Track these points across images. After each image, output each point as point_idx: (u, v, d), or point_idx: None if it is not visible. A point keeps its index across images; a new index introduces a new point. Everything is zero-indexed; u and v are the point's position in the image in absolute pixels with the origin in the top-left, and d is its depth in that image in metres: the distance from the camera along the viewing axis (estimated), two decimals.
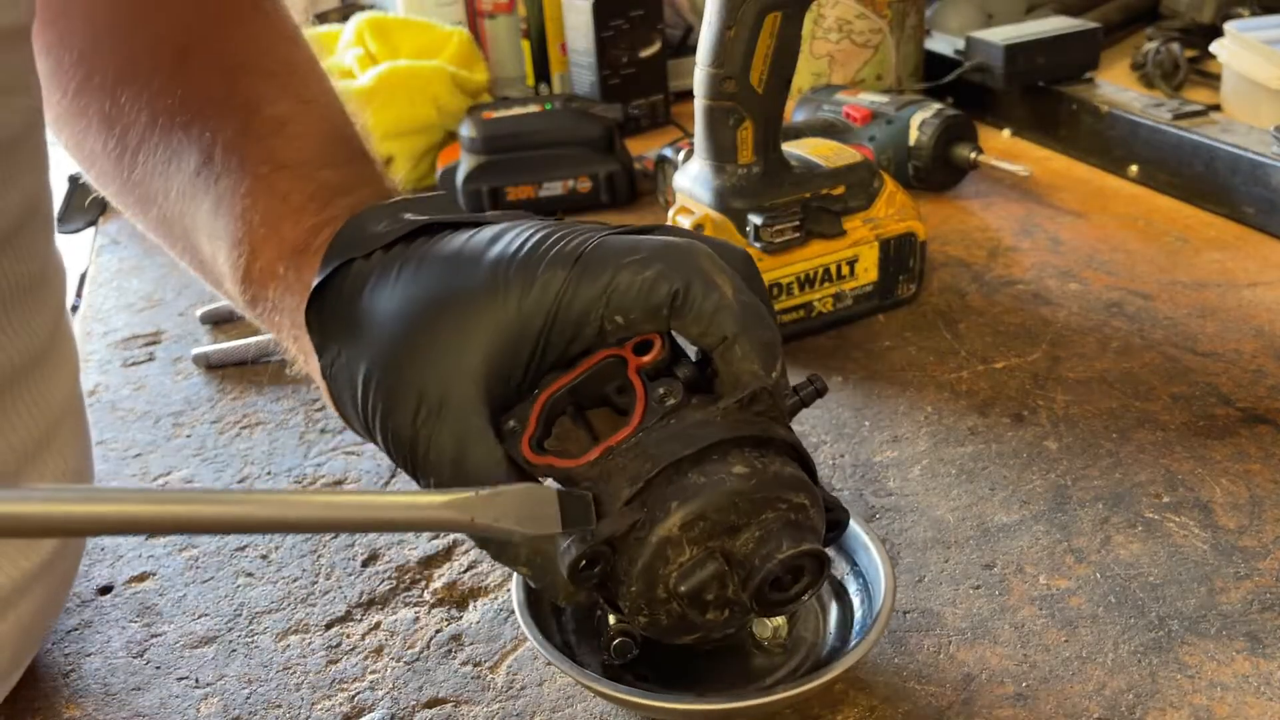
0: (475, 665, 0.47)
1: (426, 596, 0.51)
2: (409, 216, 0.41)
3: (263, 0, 0.49)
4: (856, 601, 0.45)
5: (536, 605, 0.44)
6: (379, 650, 0.48)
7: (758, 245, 0.65)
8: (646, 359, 0.38)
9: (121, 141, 0.47)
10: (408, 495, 0.33)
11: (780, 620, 0.44)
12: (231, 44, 0.48)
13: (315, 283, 0.41)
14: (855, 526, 0.46)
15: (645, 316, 0.38)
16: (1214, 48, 0.98)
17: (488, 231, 0.40)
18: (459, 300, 0.38)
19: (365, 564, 0.54)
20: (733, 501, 0.37)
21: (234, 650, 0.49)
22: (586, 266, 0.38)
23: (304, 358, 0.43)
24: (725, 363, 0.38)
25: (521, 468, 0.38)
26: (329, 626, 0.50)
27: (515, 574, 0.45)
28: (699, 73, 0.64)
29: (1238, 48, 0.95)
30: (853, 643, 0.42)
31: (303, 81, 0.48)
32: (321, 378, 0.41)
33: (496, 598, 0.51)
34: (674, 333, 0.39)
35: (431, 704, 0.45)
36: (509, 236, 0.39)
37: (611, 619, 0.44)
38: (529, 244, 0.38)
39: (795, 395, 0.41)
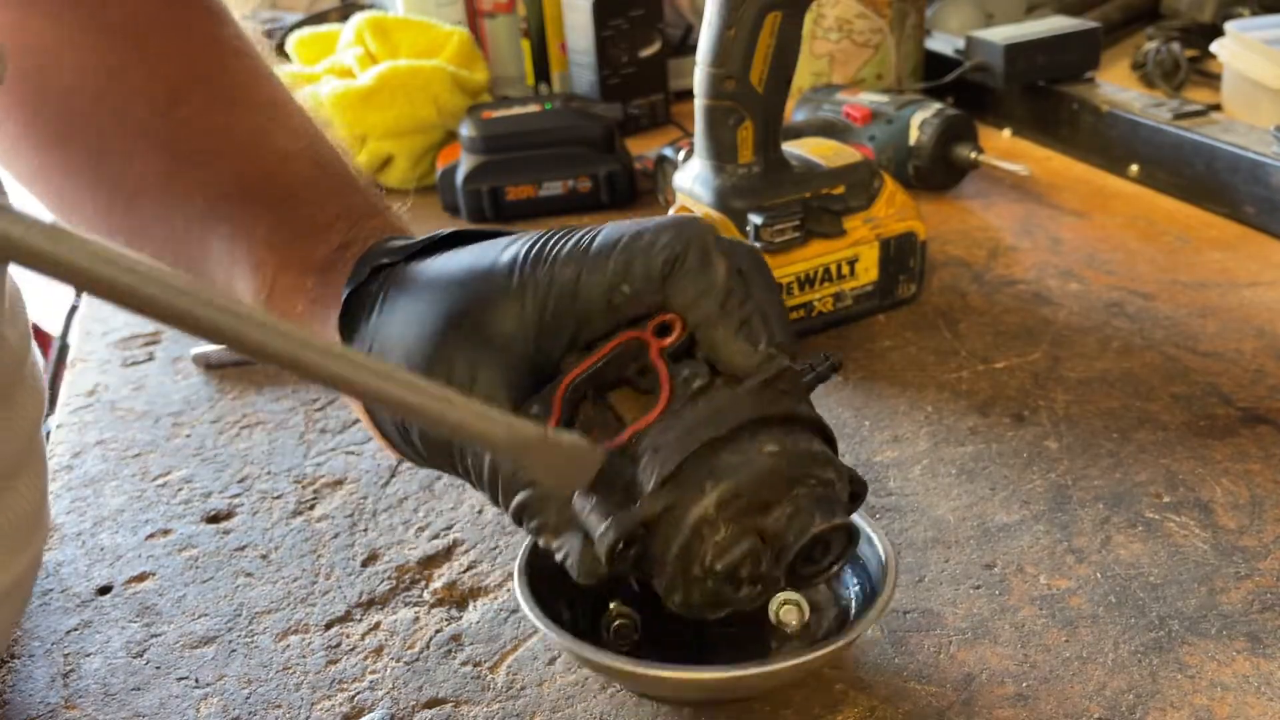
0: (475, 665, 0.47)
1: (426, 596, 0.51)
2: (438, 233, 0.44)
3: (241, 45, 0.50)
4: (856, 590, 0.45)
5: (541, 594, 0.44)
6: (379, 650, 0.48)
7: (758, 245, 0.65)
8: (668, 341, 0.39)
9: (113, 192, 0.47)
10: (476, 402, 0.33)
11: (805, 607, 0.44)
12: (220, 86, 0.48)
13: (347, 291, 0.42)
14: (857, 519, 0.46)
15: (646, 284, 0.38)
16: (1214, 47, 0.98)
17: (501, 242, 0.41)
18: (483, 311, 0.39)
19: (365, 564, 0.54)
20: (766, 479, 0.37)
21: (234, 650, 0.49)
22: (599, 247, 0.39)
23: None
24: (708, 344, 0.39)
25: None
26: (329, 626, 0.50)
27: (516, 568, 0.45)
28: (699, 72, 0.64)
29: (1238, 47, 0.95)
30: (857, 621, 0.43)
31: (294, 117, 0.49)
32: None
33: (496, 598, 0.51)
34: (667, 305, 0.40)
35: (431, 704, 0.45)
36: (524, 240, 0.40)
37: (612, 605, 0.44)
38: (540, 241, 0.40)
39: (812, 371, 0.42)
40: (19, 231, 0.23)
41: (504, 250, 0.40)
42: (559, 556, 0.39)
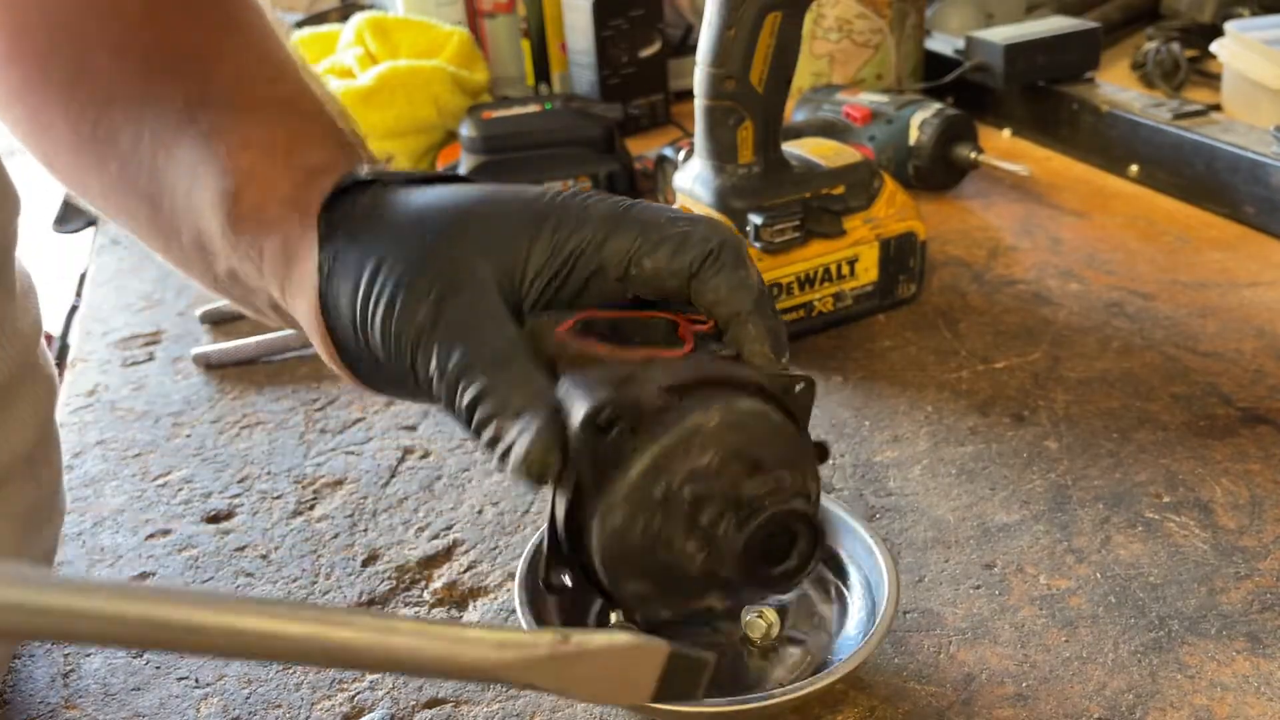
0: None
1: (426, 596, 0.51)
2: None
3: None
4: (859, 604, 0.45)
5: (537, 605, 0.44)
6: None
7: (758, 245, 0.65)
8: (700, 327, 0.39)
9: (86, 104, 0.45)
10: (453, 627, 0.27)
11: (773, 618, 0.44)
12: (205, 5, 0.46)
13: (333, 189, 0.39)
14: (858, 528, 0.46)
15: (670, 270, 0.38)
16: (1214, 47, 0.98)
17: (521, 185, 0.41)
18: (494, 209, 0.38)
19: (365, 564, 0.54)
20: (770, 438, 0.36)
21: None
22: (626, 213, 0.38)
23: (286, 277, 0.41)
24: (736, 338, 0.39)
25: (536, 355, 0.36)
26: None
27: (516, 574, 0.45)
28: (699, 72, 0.64)
29: (1238, 47, 0.95)
30: (857, 644, 0.42)
31: (284, 50, 0.47)
32: (316, 273, 0.39)
33: (496, 598, 0.51)
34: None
35: (431, 704, 0.45)
36: (555, 191, 0.40)
37: (613, 616, 0.44)
38: (570, 196, 0.39)
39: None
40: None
41: (527, 188, 0.40)
42: (504, 444, 0.34)
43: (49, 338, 0.97)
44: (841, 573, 0.47)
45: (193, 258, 0.44)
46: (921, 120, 0.86)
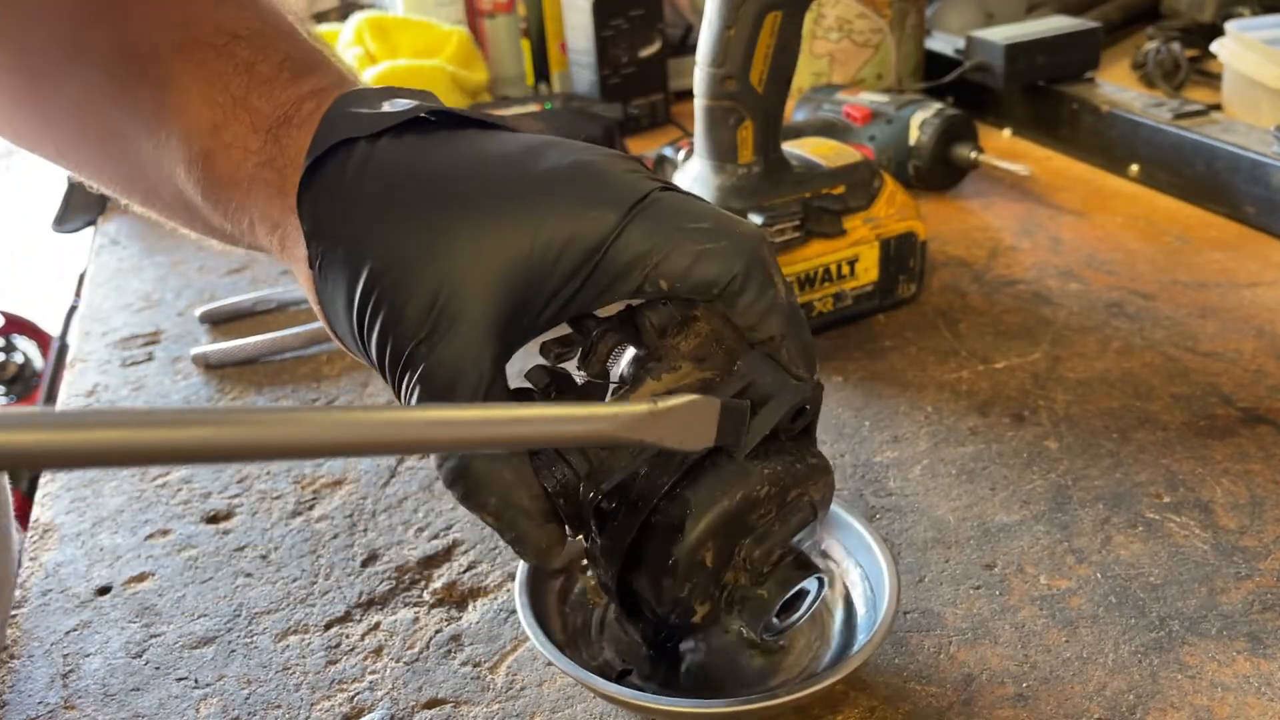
0: (475, 665, 0.47)
1: (426, 597, 0.51)
2: (413, 102, 0.37)
3: None
4: (860, 604, 0.45)
5: (539, 604, 0.44)
6: (378, 650, 0.48)
7: None
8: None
9: (19, 53, 0.41)
10: (575, 407, 0.32)
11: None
12: None
13: (310, 160, 0.36)
14: (859, 527, 0.46)
15: (692, 289, 0.36)
16: (1215, 47, 0.98)
17: (524, 139, 0.37)
18: (497, 204, 0.35)
19: (365, 564, 0.54)
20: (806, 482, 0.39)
21: (233, 651, 0.49)
22: (644, 217, 0.35)
23: (281, 249, 0.39)
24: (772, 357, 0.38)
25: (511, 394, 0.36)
26: (328, 627, 0.50)
27: (517, 573, 0.45)
28: (699, 72, 0.64)
29: (1238, 47, 0.95)
30: (857, 645, 0.42)
31: None
32: (308, 268, 0.37)
33: (496, 598, 0.51)
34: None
35: (431, 704, 0.45)
36: (559, 151, 0.36)
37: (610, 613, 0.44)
38: (582, 166, 0.36)
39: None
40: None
41: (534, 159, 0.35)
42: (509, 539, 0.36)
43: (48, 338, 0.97)
44: (842, 572, 0.47)
45: (179, 213, 0.42)
46: (922, 120, 0.86)
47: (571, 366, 0.39)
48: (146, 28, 0.39)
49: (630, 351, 0.38)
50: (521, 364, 0.38)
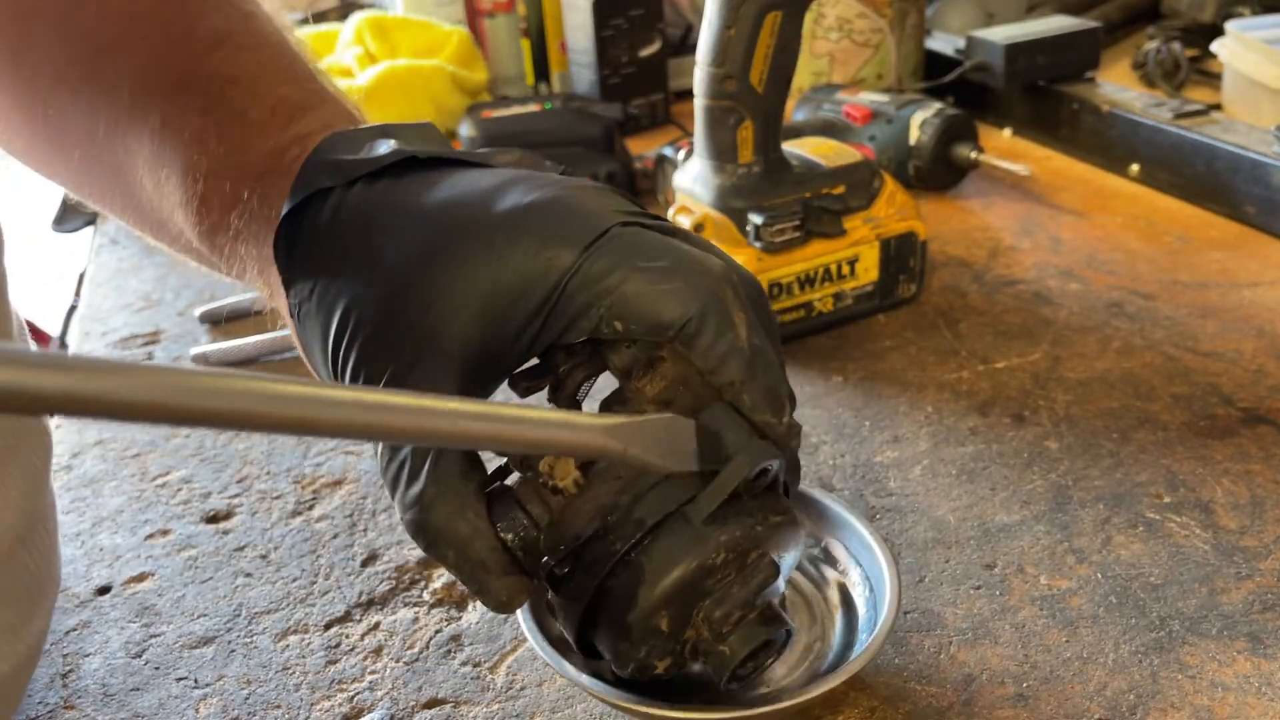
0: (475, 665, 0.47)
1: (426, 597, 0.51)
2: (392, 144, 0.37)
3: None
4: (860, 605, 0.45)
5: (538, 605, 0.44)
6: (378, 650, 0.48)
7: (758, 245, 0.65)
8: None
9: (32, 83, 0.42)
10: (560, 414, 0.32)
11: None
12: None
13: (286, 209, 0.36)
14: (860, 528, 0.46)
15: (648, 330, 0.35)
16: (1215, 47, 0.98)
17: (493, 176, 0.37)
18: (463, 244, 0.35)
19: (365, 564, 0.54)
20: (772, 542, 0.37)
21: (233, 651, 0.49)
22: (599, 256, 0.34)
23: (270, 293, 0.40)
24: (736, 406, 0.37)
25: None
26: (328, 627, 0.50)
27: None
28: (699, 72, 0.64)
29: (1239, 47, 0.95)
30: (857, 649, 0.42)
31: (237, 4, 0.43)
32: (289, 317, 0.38)
33: None
34: None
35: (431, 704, 0.45)
36: (520, 189, 0.36)
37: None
38: (542, 204, 0.35)
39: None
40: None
41: (495, 199, 0.35)
42: (472, 589, 0.36)
43: (48, 338, 0.97)
44: (843, 572, 0.47)
45: (188, 252, 0.43)
46: (922, 120, 0.86)
47: (542, 399, 0.38)
48: (148, 69, 0.40)
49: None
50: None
